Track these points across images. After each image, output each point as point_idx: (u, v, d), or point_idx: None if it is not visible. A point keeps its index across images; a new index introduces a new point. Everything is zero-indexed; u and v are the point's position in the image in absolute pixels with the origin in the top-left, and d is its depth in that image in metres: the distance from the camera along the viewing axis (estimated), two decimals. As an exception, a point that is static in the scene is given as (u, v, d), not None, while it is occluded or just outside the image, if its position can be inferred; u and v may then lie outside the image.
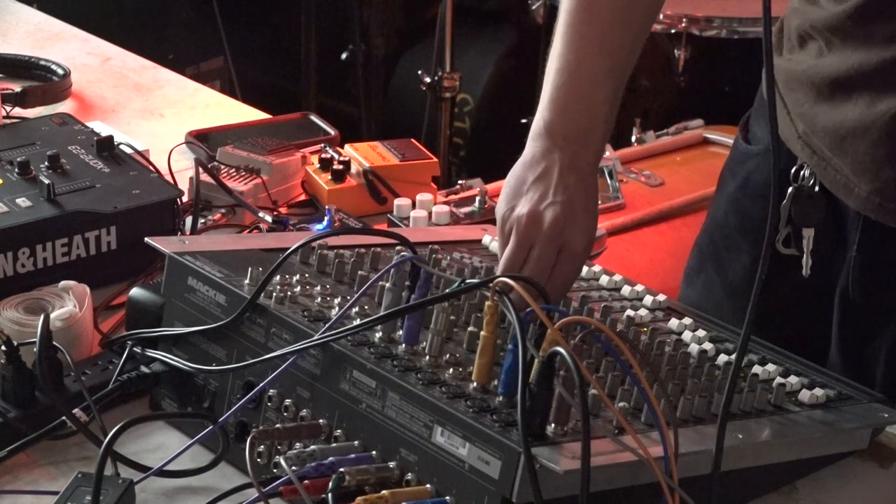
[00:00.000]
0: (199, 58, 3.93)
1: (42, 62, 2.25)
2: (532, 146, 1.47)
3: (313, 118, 2.16)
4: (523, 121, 3.57)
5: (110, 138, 1.79)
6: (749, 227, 1.67)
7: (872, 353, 1.58)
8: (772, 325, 1.51)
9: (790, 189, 1.57)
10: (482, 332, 1.23)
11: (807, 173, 1.57)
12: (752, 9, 3.24)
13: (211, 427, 1.31)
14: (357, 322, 1.28)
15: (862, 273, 1.56)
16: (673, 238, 2.36)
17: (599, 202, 2.30)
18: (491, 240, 1.66)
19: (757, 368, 1.43)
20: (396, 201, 1.85)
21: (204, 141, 2.03)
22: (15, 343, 1.37)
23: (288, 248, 1.37)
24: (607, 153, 2.43)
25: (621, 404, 1.25)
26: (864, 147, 1.50)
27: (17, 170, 1.69)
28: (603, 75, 1.48)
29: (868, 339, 1.59)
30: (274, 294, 1.34)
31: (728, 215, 1.71)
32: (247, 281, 1.36)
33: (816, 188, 1.56)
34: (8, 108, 2.05)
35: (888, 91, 1.47)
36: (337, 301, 1.35)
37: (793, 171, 1.57)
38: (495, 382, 1.23)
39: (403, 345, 1.28)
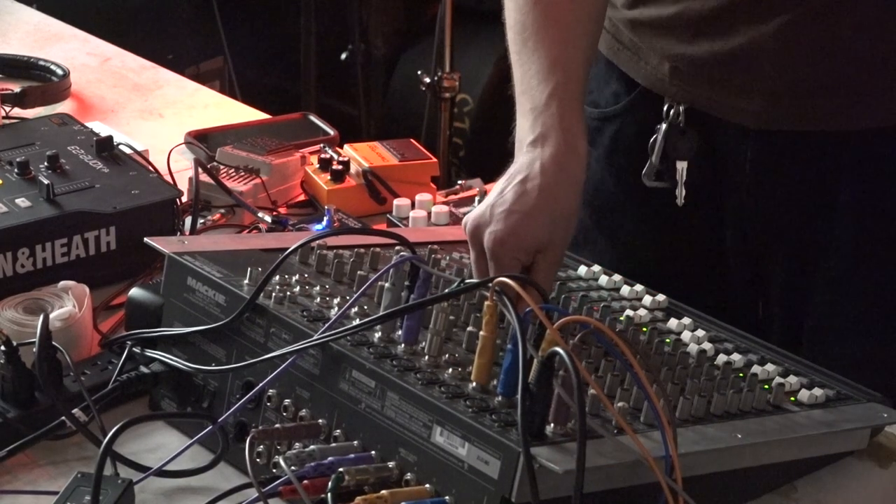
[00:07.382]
0: (198, 58, 3.92)
1: (41, 62, 2.24)
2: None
3: (313, 118, 2.15)
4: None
5: (109, 138, 1.79)
6: (628, 184, 1.71)
7: (767, 283, 1.66)
8: (672, 284, 1.58)
9: (662, 126, 1.64)
10: (481, 332, 1.23)
11: (676, 111, 1.64)
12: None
13: (210, 427, 1.31)
14: (356, 322, 1.28)
15: (758, 188, 1.63)
16: (672, 238, 2.35)
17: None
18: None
19: (756, 368, 1.43)
20: (396, 201, 1.85)
21: (203, 141, 2.03)
22: (14, 343, 1.37)
23: (287, 249, 1.37)
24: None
25: (620, 404, 1.25)
26: (759, 64, 1.56)
27: (16, 170, 1.69)
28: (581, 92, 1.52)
29: (760, 266, 1.67)
30: (273, 294, 1.34)
31: (604, 178, 1.74)
32: (246, 281, 1.36)
33: (681, 123, 1.63)
34: (7, 109, 2.05)
35: (776, 7, 1.53)
36: (336, 301, 1.35)
37: (664, 110, 1.64)
38: (494, 382, 1.23)
39: (403, 345, 1.28)
